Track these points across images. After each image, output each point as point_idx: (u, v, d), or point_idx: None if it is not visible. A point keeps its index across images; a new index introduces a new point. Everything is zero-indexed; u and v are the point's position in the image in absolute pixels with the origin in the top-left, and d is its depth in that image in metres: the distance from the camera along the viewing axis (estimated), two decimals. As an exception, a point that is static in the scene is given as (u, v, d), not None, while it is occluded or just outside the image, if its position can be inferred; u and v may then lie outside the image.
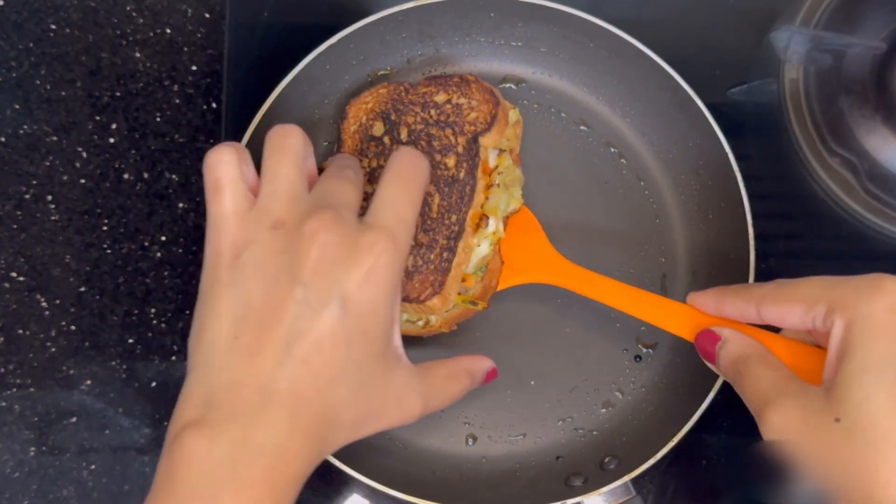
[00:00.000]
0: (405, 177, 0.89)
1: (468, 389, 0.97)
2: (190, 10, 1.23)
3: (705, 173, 1.11)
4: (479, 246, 1.04)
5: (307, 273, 0.81)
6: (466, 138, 1.04)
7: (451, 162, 1.03)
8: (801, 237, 1.18)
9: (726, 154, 1.07)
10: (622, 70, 1.13)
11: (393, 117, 1.07)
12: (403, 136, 1.06)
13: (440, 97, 1.07)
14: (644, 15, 1.20)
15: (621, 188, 1.15)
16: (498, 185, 1.06)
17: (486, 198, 1.05)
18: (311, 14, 1.21)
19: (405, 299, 1.00)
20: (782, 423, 0.83)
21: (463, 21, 1.13)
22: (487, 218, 1.05)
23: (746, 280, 1.05)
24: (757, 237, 1.06)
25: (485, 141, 1.04)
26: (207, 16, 1.23)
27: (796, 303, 0.89)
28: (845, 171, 1.15)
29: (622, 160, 1.15)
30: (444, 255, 1.01)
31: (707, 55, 1.19)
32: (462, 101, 1.06)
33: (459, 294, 1.04)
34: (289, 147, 0.89)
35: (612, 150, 1.15)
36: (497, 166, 1.07)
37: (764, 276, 1.08)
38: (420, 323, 1.06)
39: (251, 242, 0.84)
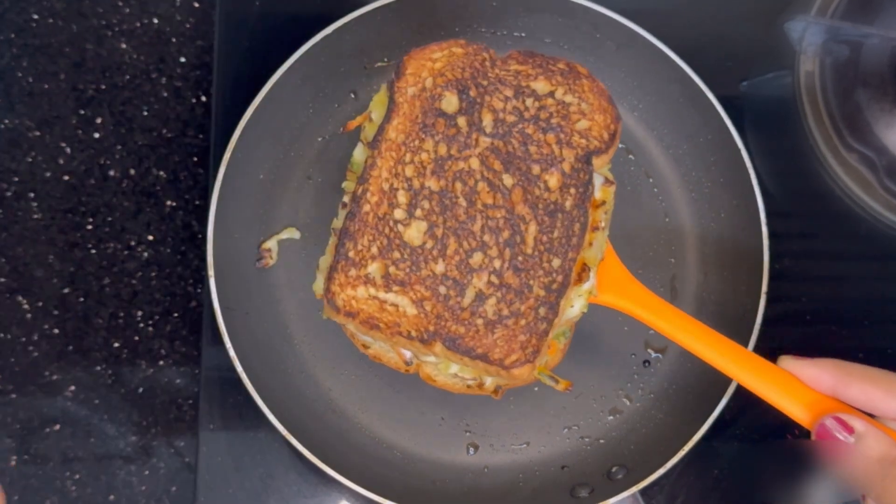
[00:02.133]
0: None
1: None
2: (179, 0, 1.22)
3: (717, 170, 1.11)
4: (572, 307, 0.96)
5: None
6: (575, 154, 0.94)
7: (553, 181, 0.93)
8: (817, 236, 1.17)
9: (739, 150, 1.07)
10: (630, 62, 1.13)
11: (472, 93, 0.96)
12: (487, 124, 0.95)
13: (540, 85, 0.96)
14: (653, 4, 1.20)
15: (629, 185, 1.14)
16: (603, 227, 0.96)
17: (590, 243, 0.95)
18: (304, 4, 1.20)
19: (476, 355, 0.90)
20: None
21: (464, 11, 1.13)
22: (588, 269, 0.95)
23: (759, 281, 1.04)
24: (771, 236, 1.05)
25: (597, 164, 0.95)
26: (197, 5, 1.22)
27: None
28: (863, 168, 1.14)
29: (630, 156, 1.15)
30: (542, 311, 0.90)
31: (719, 46, 1.19)
32: (570, 98, 0.95)
33: None
34: None
35: (620, 145, 1.15)
36: (605, 202, 0.96)
37: (779, 276, 1.07)
38: (472, 383, 1.03)
39: None
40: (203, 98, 1.20)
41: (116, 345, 1.15)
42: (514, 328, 0.90)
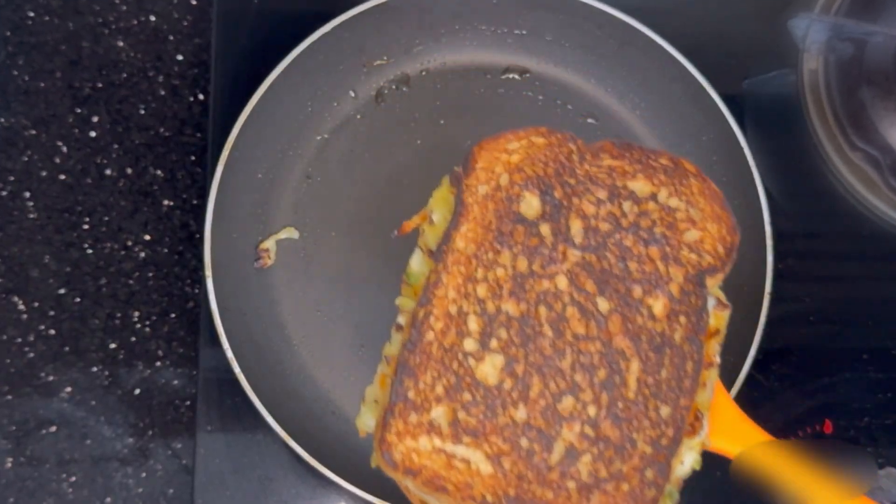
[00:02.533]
0: None
1: None
2: (176, -3, 1.23)
3: (720, 169, 1.10)
4: (682, 463, 0.80)
5: None
6: (685, 273, 0.80)
7: (658, 307, 0.79)
8: (821, 236, 1.17)
9: (742, 148, 1.07)
10: (632, 60, 1.12)
11: (557, 194, 0.82)
12: (576, 233, 0.81)
13: (639, 185, 0.83)
14: (656, 2, 1.19)
15: (631, 185, 1.14)
16: (717, 362, 0.82)
17: (703, 383, 0.81)
18: (302, 2, 1.20)
19: None
20: None
21: (464, 8, 1.12)
22: (701, 416, 0.80)
23: (763, 281, 1.04)
24: (774, 236, 1.05)
25: (709, 284, 0.81)
26: (194, 3, 1.22)
27: None
28: (867, 167, 1.14)
29: (632, 155, 1.15)
30: (649, 473, 0.76)
31: (722, 44, 1.18)
32: (676, 202, 0.82)
33: None
34: None
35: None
36: (719, 330, 0.82)
37: (783, 276, 1.07)
38: None
39: None
40: (200, 96, 1.19)
41: (113, 346, 1.14)
42: (616, 495, 0.75)
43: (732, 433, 0.82)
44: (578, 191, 0.81)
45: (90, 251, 1.16)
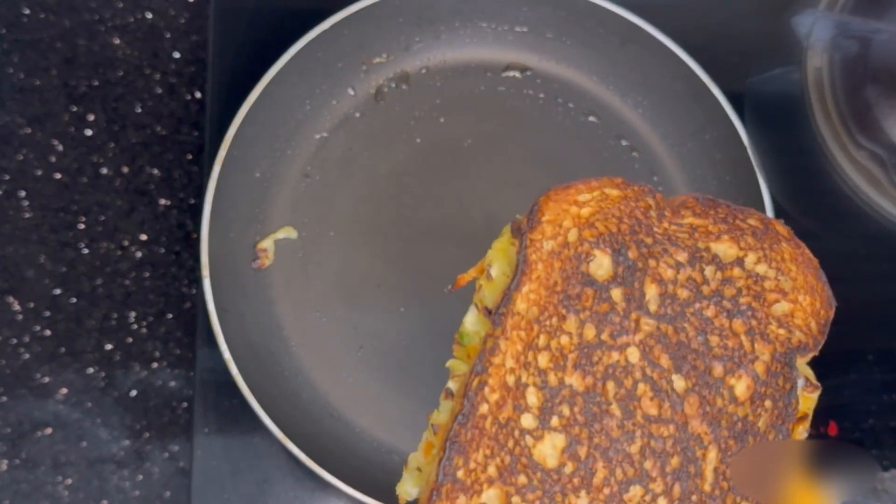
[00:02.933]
0: None
1: None
2: (173, -6, 1.22)
3: (723, 168, 1.10)
4: None
5: None
6: (772, 351, 0.73)
7: (741, 389, 0.72)
8: (825, 236, 1.16)
9: (745, 147, 1.06)
10: (634, 57, 1.12)
11: (632, 255, 0.74)
12: (651, 299, 0.73)
13: (724, 248, 0.75)
14: (658, -1, 1.20)
15: (633, 184, 1.13)
16: None
17: None
18: (301, -2, 1.20)
19: None
20: None
21: (464, 5, 1.12)
22: None
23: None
24: (779, 236, 1.05)
25: (799, 362, 0.74)
26: (191, 0, 1.22)
27: None
28: (872, 166, 1.13)
29: (634, 154, 1.14)
30: None
31: (725, 42, 1.18)
32: (764, 269, 0.75)
33: None
34: None
35: (623, 142, 1.14)
36: (807, 415, 0.75)
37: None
38: None
39: None
40: (198, 94, 1.19)
41: (109, 347, 1.14)
42: None
43: None
44: (655, 252, 0.74)
45: (86, 251, 1.16)
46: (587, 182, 0.75)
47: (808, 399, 0.74)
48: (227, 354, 1.01)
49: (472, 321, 0.76)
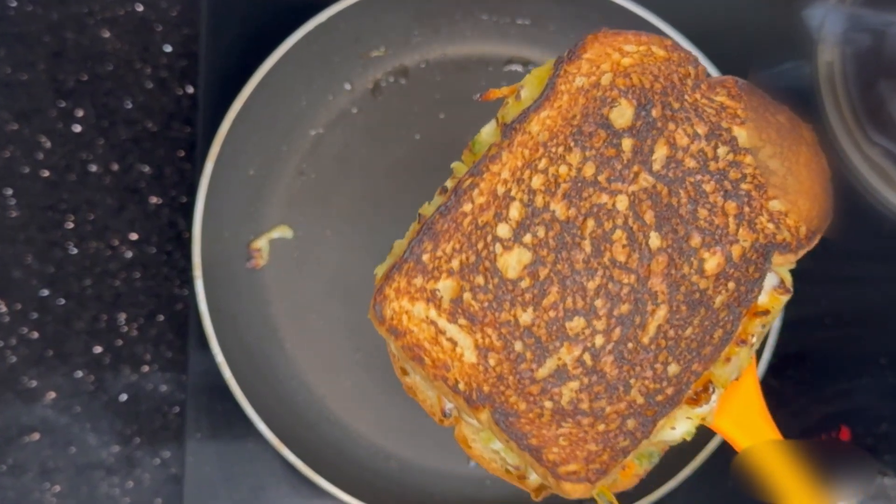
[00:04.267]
0: None
1: None
2: (164, -14, 1.22)
3: (732, 165, 1.10)
4: (673, 429, 0.77)
5: None
6: (754, 240, 0.77)
7: (711, 263, 0.77)
8: (837, 236, 1.17)
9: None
10: (640, 51, 1.12)
11: (655, 112, 0.78)
12: (658, 158, 0.78)
13: (745, 134, 0.79)
14: (664, -10, 1.20)
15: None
16: (753, 342, 0.78)
17: (727, 358, 0.77)
18: (297, -10, 1.20)
19: (526, 446, 0.74)
20: None
21: (465, -4, 1.13)
22: (712, 390, 0.77)
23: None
24: (790, 235, 1.05)
25: (777, 262, 0.78)
26: (183, -9, 1.22)
27: None
28: (886, 163, 1.13)
29: (640, 150, 1.15)
30: (630, 423, 0.74)
31: (732, 35, 1.18)
32: (776, 165, 0.79)
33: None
34: None
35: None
36: (768, 312, 0.78)
37: (796, 277, 1.06)
38: (513, 469, 0.82)
39: None
40: (189, 89, 1.19)
41: (98, 350, 1.14)
42: (588, 431, 0.73)
43: (746, 423, 0.80)
44: (679, 118, 0.78)
45: (74, 251, 1.15)
46: (638, 34, 0.79)
47: (775, 299, 0.78)
48: (220, 357, 1.01)
49: (488, 132, 0.81)
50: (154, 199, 1.17)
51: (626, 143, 0.77)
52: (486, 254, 0.76)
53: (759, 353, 1.02)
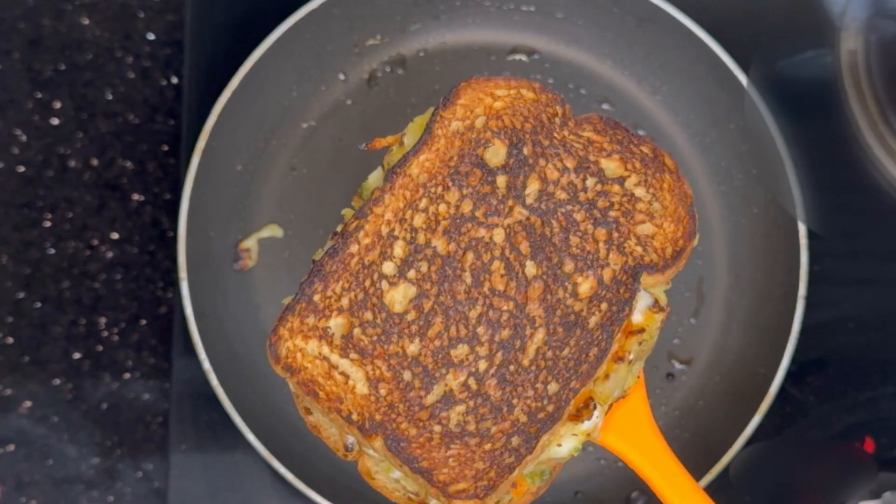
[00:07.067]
0: None
1: None
2: (146, -30, 1.22)
3: (749, 160, 1.11)
4: (560, 445, 0.85)
5: None
6: (623, 263, 0.84)
7: (584, 288, 0.83)
8: (861, 234, 1.17)
9: (773, 138, 1.07)
10: (652, 39, 1.13)
11: (526, 150, 0.86)
12: (530, 194, 0.85)
13: (612, 166, 0.86)
14: (678, -25, 1.20)
15: (651, 177, 1.14)
16: (631, 360, 0.85)
17: (606, 375, 0.84)
18: (288, -26, 1.20)
19: (418, 468, 0.81)
20: None
21: (467, -18, 1.13)
22: (593, 406, 0.84)
23: (797, 285, 1.04)
24: (810, 235, 1.05)
25: (648, 282, 0.85)
26: (167, -25, 1.22)
27: None
28: (912, 158, 1.14)
29: (652, 144, 1.16)
30: (514, 441, 0.81)
31: (751, 22, 1.18)
32: (642, 193, 0.86)
33: None
34: None
35: (640, 132, 1.14)
36: (644, 330, 0.85)
37: (819, 279, 1.07)
38: (414, 497, 0.89)
39: None
40: (174, 79, 1.19)
41: (77, 356, 1.14)
42: (475, 450, 0.80)
43: (635, 439, 0.87)
44: (548, 154, 0.85)
45: (52, 251, 1.16)
46: (507, 79, 0.87)
47: (650, 317, 0.85)
48: (206, 364, 1.02)
49: (374, 178, 0.91)
50: (136, 197, 1.17)
51: (501, 180, 0.85)
52: (374, 291, 0.84)
53: (777, 360, 1.03)
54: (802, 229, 1.05)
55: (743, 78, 1.08)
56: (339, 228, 0.87)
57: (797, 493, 0.82)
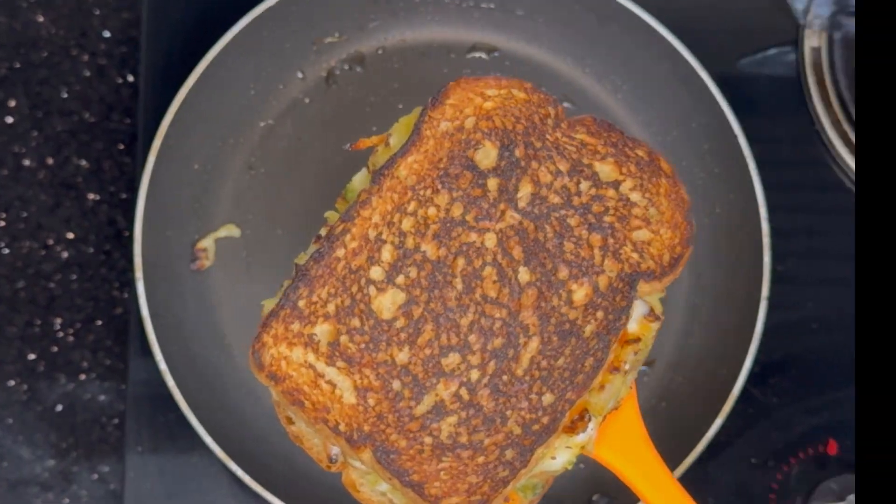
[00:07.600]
0: None
1: None
2: (102, -34, 1.22)
3: (711, 159, 1.11)
4: (554, 458, 0.83)
5: None
6: (620, 270, 0.83)
7: (579, 295, 0.82)
8: (825, 233, 1.17)
9: (736, 136, 1.07)
10: (613, 37, 1.13)
11: (518, 152, 0.85)
12: (523, 196, 0.84)
13: (606, 169, 0.86)
14: (640, -28, 1.20)
15: (612, 176, 1.14)
16: (627, 370, 0.84)
17: (601, 386, 0.83)
18: (246, -30, 1.20)
19: (408, 482, 0.79)
20: None
21: (425, -23, 1.13)
22: (588, 418, 0.83)
23: (759, 285, 1.04)
24: (773, 234, 1.05)
25: (644, 290, 0.84)
26: (123, -28, 1.22)
27: None
28: (875, 156, 1.14)
29: (614, 143, 1.16)
30: (509, 454, 0.79)
31: (713, 20, 1.19)
32: (637, 197, 0.85)
33: None
34: None
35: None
36: (639, 339, 0.84)
37: (782, 279, 1.07)
38: None
39: None
40: (130, 77, 1.19)
41: (32, 357, 1.14)
42: (468, 464, 0.79)
43: (628, 452, 0.86)
44: (541, 156, 0.84)
45: (6, 251, 1.16)
46: (498, 78, 0.86)
47: (646, 327, 0.84)
48: (162, 365, 1.02)
49: (359, 179, 0.89)
50: (92, 196, 1.17)
51: (492, 183, 0.83)
52: (361, 296, 0.82)
53: (740, 361, 1.03)
54: (765, 229, 1.05)
55: (705, 76, 1.08)
56: (322, 232, 0.86)
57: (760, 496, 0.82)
